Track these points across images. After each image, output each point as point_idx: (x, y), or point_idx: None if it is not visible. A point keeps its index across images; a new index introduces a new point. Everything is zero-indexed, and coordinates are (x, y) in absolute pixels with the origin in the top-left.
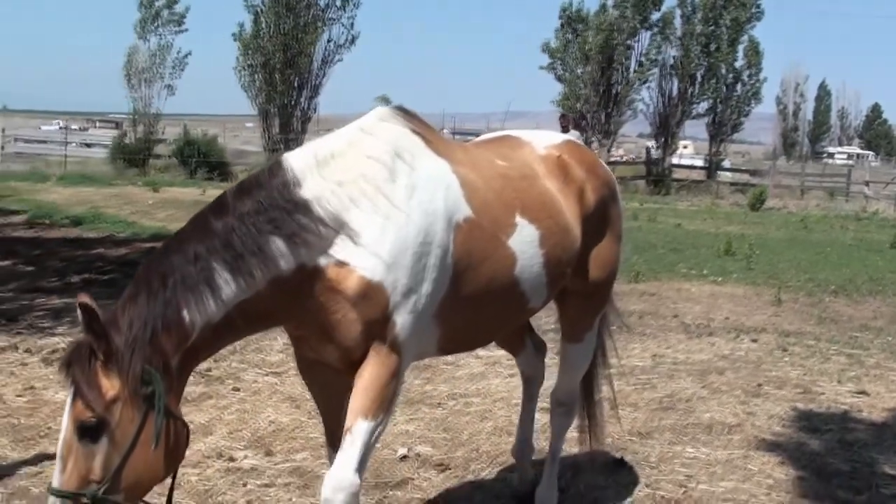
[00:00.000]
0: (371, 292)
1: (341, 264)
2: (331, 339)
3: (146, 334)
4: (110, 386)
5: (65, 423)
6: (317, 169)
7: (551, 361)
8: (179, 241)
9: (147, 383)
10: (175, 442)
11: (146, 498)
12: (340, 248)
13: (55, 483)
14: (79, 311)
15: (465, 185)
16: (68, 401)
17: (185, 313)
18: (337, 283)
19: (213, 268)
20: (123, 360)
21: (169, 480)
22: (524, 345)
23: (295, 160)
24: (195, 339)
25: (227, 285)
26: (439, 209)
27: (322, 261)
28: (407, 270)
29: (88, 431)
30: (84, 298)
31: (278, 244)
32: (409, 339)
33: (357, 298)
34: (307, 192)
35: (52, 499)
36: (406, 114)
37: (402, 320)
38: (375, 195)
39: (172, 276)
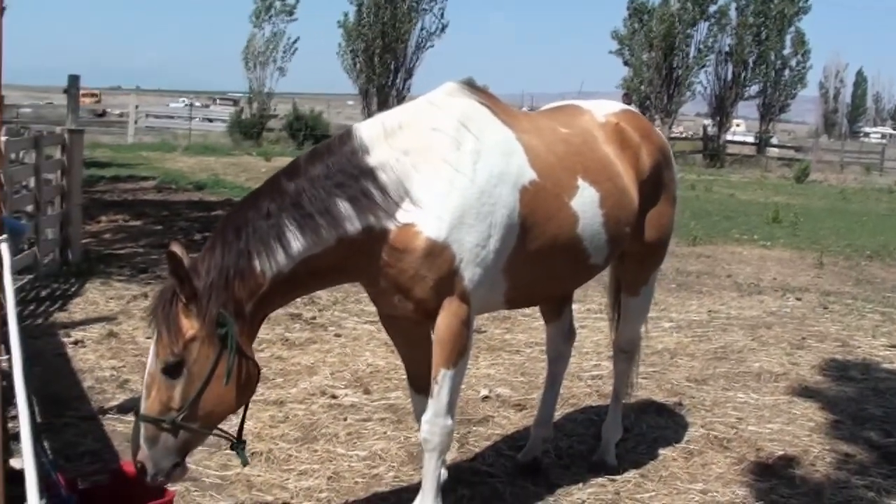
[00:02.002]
0: (438, 250)
1: (408, 226)
2: (405, 295)
3: (221, 281)
4: (190, 326)
5: (150, 358)
6: (384, 138)
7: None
8: (254, 199)
9: (222, 325)
10: (246, 379)
11: (222, 427)
12: (406, 212)
13: (141, 410)
14: (167, 258)
15: (529, 151)
16: (154, 338)
17: (256, 263)
18: (405, 243)
19: (283, 224)
20: (201, 303)
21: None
22: (561, 324)
23: (364, 129)
24: (267, 288)
25: (296, 240)
26: (504, 173)
27: (390, 224)
28: (472, 229)
29: (170, 366)
30: (173, 247)
31: (345, 206)
32: (477, 290)
33: (425, 257)
34: (373, 159)
35: (135, 423)
36: (473, 87)
37: (469, 274)
38: (439, 163)
39: (246, 230)
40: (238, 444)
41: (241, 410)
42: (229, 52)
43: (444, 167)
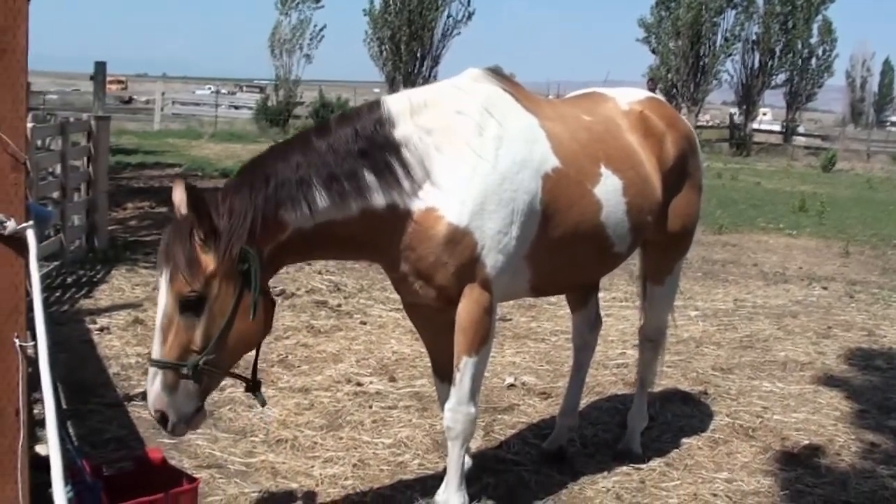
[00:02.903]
0: (459, 237)
1: (430, 210)
2: (426, 281)
3: (246, 222)
4: (209, 261)
5: (163, 298)
6: (410, 115)
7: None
8: (283, 151)
9: (243, 261)
10: (265, 315)
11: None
12: (429, 195)
13: (155, 355)
14: (184, 192)
15: (552, 138)
16: (165, 277)
17: (281, 212)
18: (427, 228)
19: (311, 180)
20: (223, 240)
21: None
22: (587, 312)
23: (392, 102)
24: (286, 238)
25: (322, 199)
26: (527, 160)
27: (413, 205)
28: (493, 215)
29: (190, 305)
30: (184, 181)
31: (370, 177)
32: (500, 277)
33: (447, 243)
34: (398, 133)
35: (152, 369)
36: (497, 74)
37: (491, 261)
38: (462, 147)
39: (274, 178)
40: (255, 385)
41: (252, 354)
42: (255, 40)
43: (466, 152)
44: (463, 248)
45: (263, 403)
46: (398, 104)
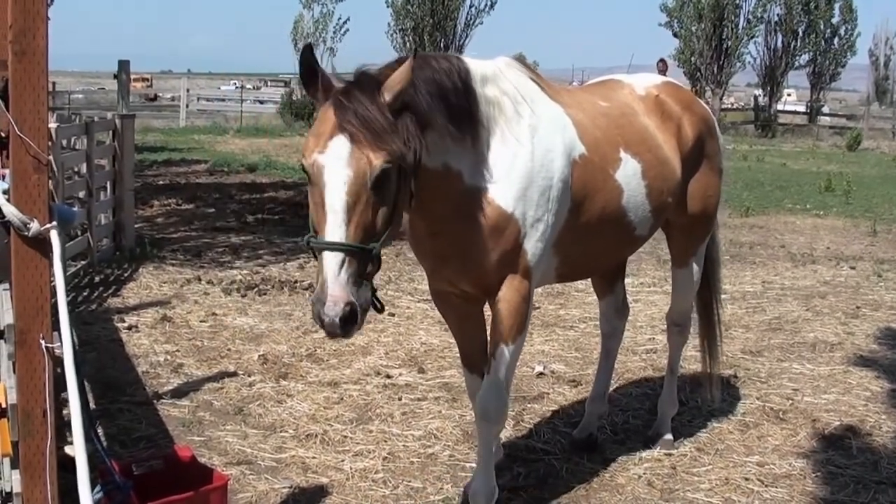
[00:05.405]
0: (504, 223)
1: (481, 190)
2: (468, 264)
3: (441, 106)
4: (399, 132)
5: (343, 172)
6: (479, 81)
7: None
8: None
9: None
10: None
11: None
12: (482, 171)
13: (337, 238)
14: (321, 70)
15: (577, 125)
16: (343, 149)
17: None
18: (476, 210)
19: (438, 97)
20: (427, 111)
21: None
22: (614, 298)
23: (468, 62)
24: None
25: (440, 115)
26: (559, 147)
27: (469, 178)
28: (533, 202)
29: (382, 178)
30: (309, 45)
31: (464, 119)
32: (538, 266)
33: (493, 228)
34: (477, 89)
35: (336, 256)
36: (523, 63)
37: (532, 249)
38: (505, 130)
39: (430, 86)
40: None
41: None
42: (279, 34)
43: (509, 136)
44: (508, 234)
45: (382, 309)
46: (472, 66)
